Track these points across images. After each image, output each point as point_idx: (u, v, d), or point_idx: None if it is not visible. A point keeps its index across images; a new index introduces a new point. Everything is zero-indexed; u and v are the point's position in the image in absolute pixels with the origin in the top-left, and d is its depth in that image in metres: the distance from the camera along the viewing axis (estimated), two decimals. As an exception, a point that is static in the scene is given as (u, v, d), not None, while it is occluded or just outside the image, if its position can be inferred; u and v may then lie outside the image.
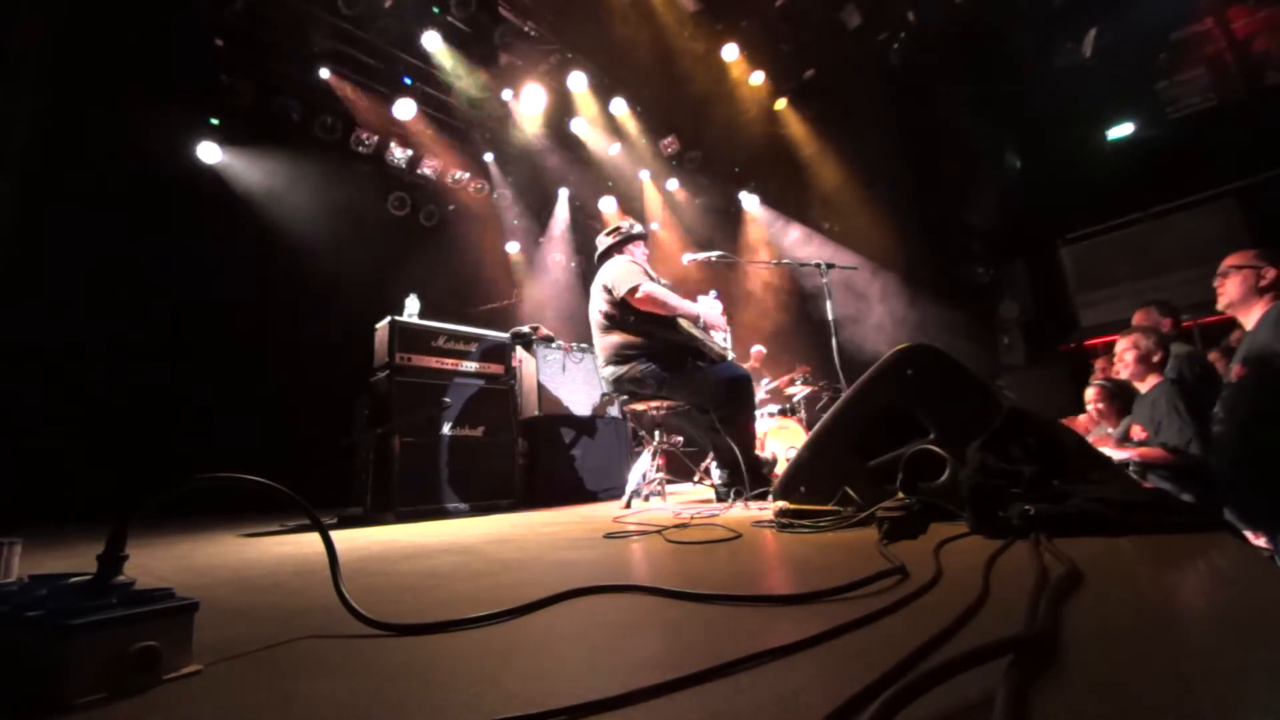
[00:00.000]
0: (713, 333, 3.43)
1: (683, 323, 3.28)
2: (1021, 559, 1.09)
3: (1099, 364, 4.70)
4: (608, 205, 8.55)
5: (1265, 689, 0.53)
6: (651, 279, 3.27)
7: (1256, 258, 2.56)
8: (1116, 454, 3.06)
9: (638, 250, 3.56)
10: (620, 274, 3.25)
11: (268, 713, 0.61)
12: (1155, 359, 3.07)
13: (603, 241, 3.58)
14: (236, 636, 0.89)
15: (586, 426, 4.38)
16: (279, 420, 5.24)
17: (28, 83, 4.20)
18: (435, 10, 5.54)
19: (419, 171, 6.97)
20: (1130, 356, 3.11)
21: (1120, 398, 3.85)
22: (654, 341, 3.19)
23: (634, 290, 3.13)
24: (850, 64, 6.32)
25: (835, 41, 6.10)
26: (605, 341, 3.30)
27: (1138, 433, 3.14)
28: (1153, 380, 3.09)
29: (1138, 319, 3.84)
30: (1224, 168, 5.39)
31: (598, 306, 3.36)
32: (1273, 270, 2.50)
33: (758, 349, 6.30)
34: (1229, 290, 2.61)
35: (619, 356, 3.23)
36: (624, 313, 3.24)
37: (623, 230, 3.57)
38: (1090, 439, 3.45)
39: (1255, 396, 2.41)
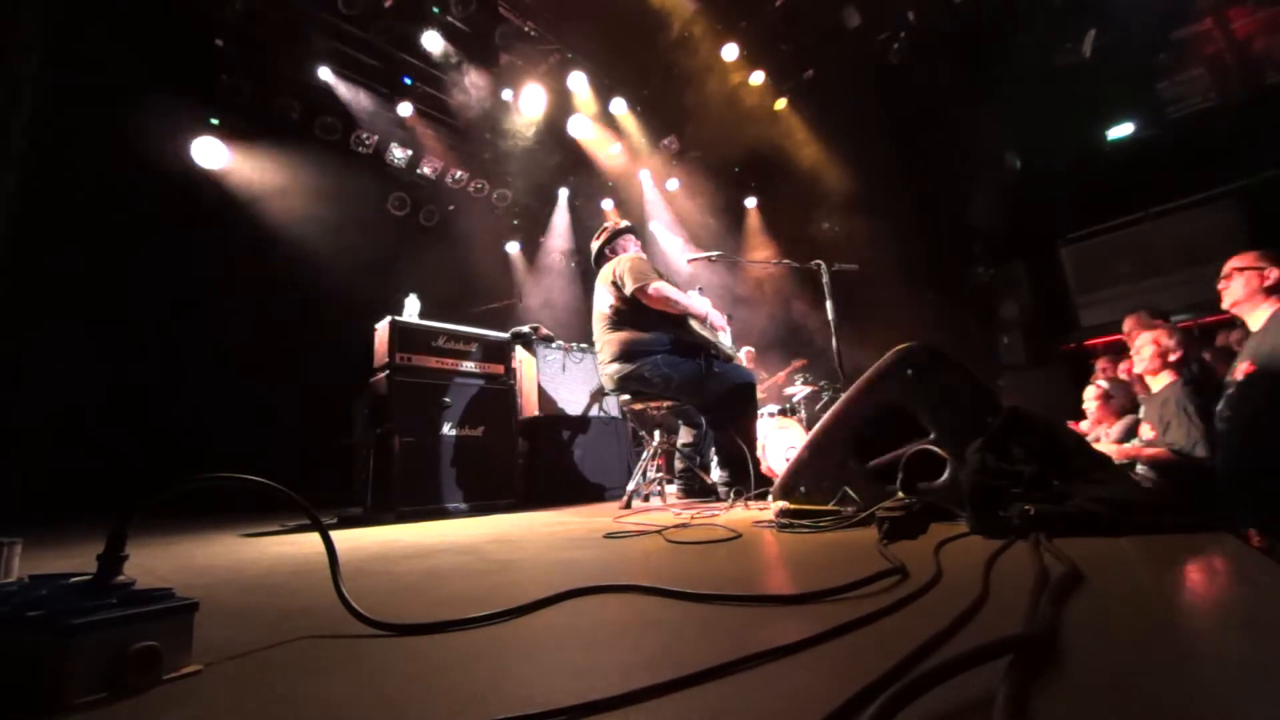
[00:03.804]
0: (718, 333, 3.44)
1: (693, 323, 3.28)
2: (1021, 559, 1.09)
3: (1100, 364, 4.70)
4: (608, 205, 8.55)
5: (1265, 689, 0.53)
6: (660, 276, 3.27)
7: (1259, 259, 2.58)
8: (1114, 450, 3.06)
9: (632, 243, 3.56)
10: (631, 269, 3.24)
11: (268, 713, 0.61)
12: (1173, 358, 3.06)
13: (595, 246, 3.61)
14: (236, 636, 0.89)
15: (586, 426, 4.38)
16: (279, 420, 5.23)
17: (27, 82, 4.20)
18: (435, 10, 5.54)
19: (419, 171, 6.96)
20: (1149, 352, 3.10)
21: (1116, 398, 3.86)
22: (665, 340, 3.19)
23: (645, 287, 3.13)
24: (850, 64, 6.31)
25: (835, 41, 6.10)
26: (612, 337, 3.28)
27: (1146, 431, 3.13)
28: (1167, 379, 3.08)
29: (1129, 325, 3.86)
30: (1224, 168, 5.38)
31: (606, 302, 3.35)
32: (1276, 270, 2.52)
33: (747, 349, 6.31)
34: (1233, 290, 2.62)
35: (627, 353, 3.21)
36: (634, 309, 3.23)
37: (613, 228, 3.59)
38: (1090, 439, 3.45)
39: (1262, 395, 2.41)
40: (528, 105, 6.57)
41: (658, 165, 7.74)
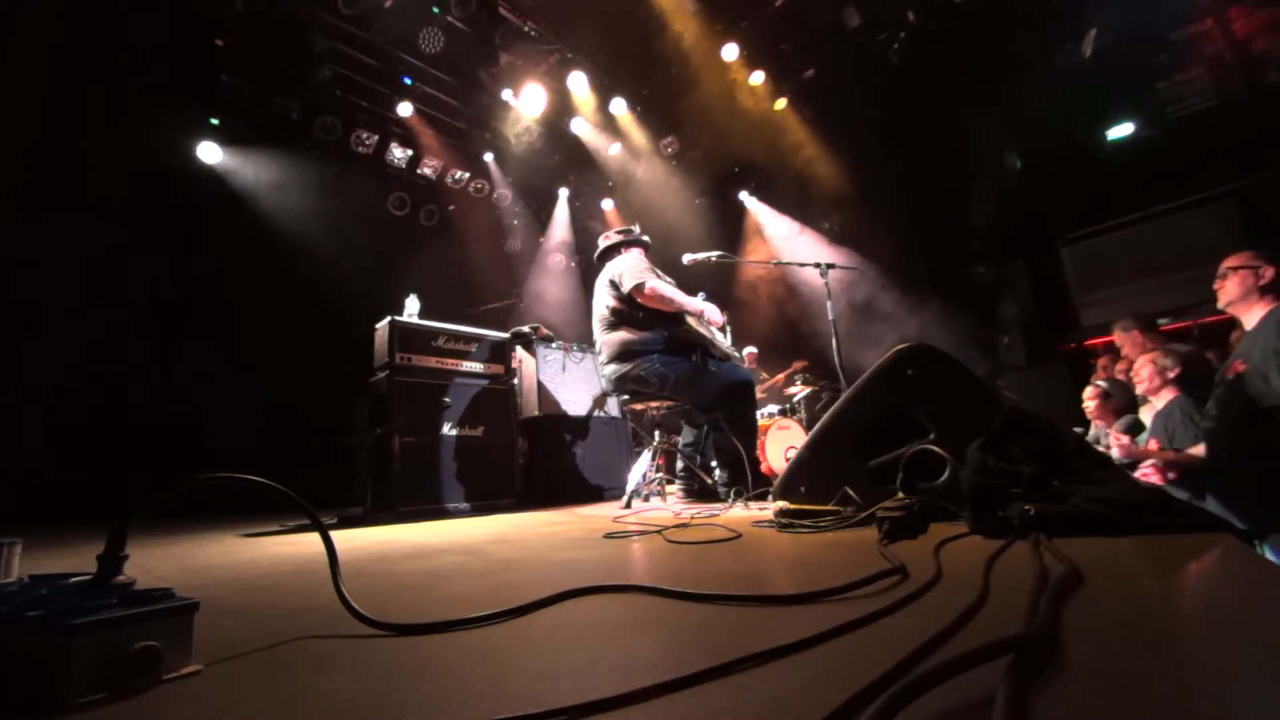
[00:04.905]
0: (715, 331, 3.44)
1: (689, 320, 3.29)
2: (1021, 559, 1.09)
3: (1100, 363, 4.71)
4: (608, 205, 8.55)
5: (1265, 689, 0.54)
6: (658, 276, 3.28)
7: (1254, 258, 2.60)
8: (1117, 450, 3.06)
9: (639, 253, 3.57)
10: (627, 269, 3.27)
11: (268, 713, 0.61)
12: (1172, 375, 3.08)
13: (610, 237, 3.59)
14: (236, 636, 0.89)
15: (586, 426, 4.38)
16: (279, 420, 5.23)
17: (28, 82, 4.20)
18: (435, 10, 5.54)
19: (419, 171, 6.97)
20: (1147, 372, 3.12)
21: (1115, 398, 3.87)
22: (661, 339, 3.20)
23: (640, 286, 3.15)
24: (850, 64, 6.31)
25: (835, 41, 6.10)
26: (610, 338, 3.29)
27: (1153, 447, 3.14)
28: (1168, 395, 3.10)
29: (1117, 335, 3.92)
30: (1224, 168, 5.38)
31: (604, 302, 3.36)
32: (1271, 269, 2.53)
33: (750, 350, 6.31)
34: (1229, 290, 2.64)
35: (623, 354, 3.22)
36: (632, 309, 3.25)
37: (633, 233, 3.60)
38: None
39: (1250, 395, 2.42)
40: (528, 105, 6.57)
41: (658, 165, 7.74)
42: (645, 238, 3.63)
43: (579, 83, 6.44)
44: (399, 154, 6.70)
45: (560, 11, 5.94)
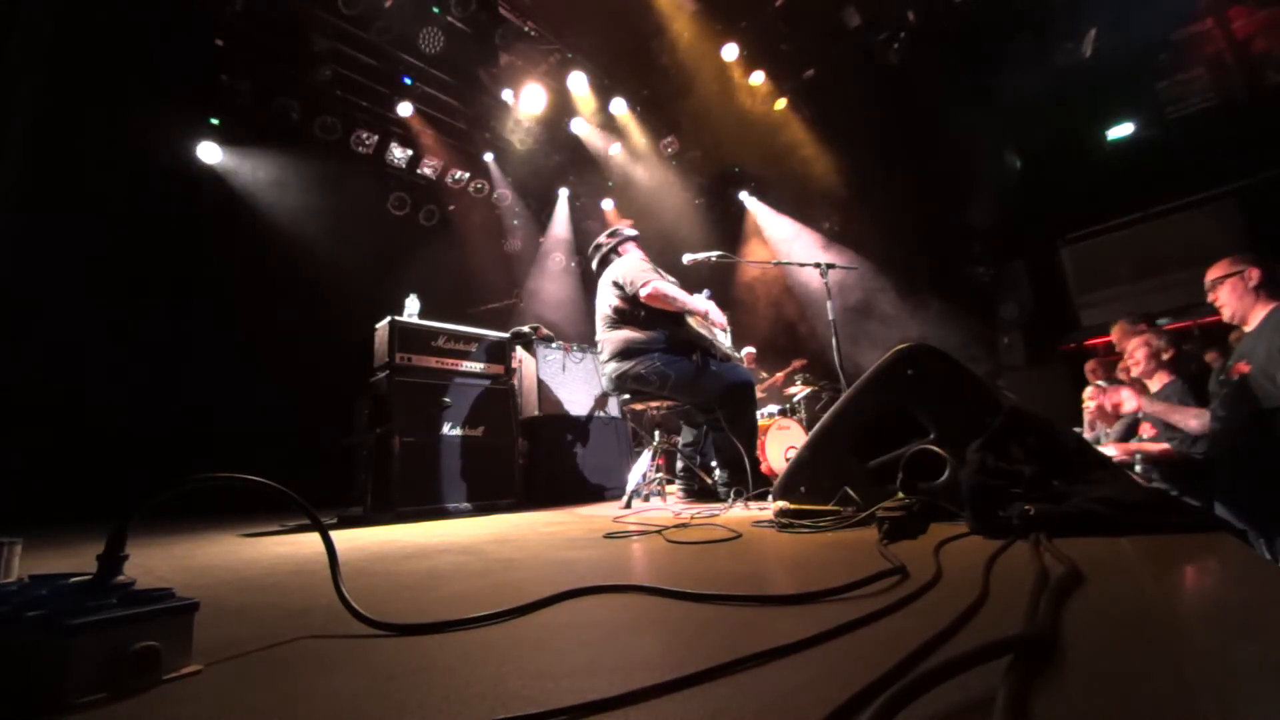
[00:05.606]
0: (716, 332, 3.45)
1: (691, 320, 3.31)
2: (1021, 559, 1.08)
3: (1089, 367, 4.73)
4: (608, 205, 8.55)
5: (1265, 689, 0.53)
6: (661, 276, 3.30)
7: (1234, 263, 2.61)
8: (1114, 450, 3.06)
9: (636, 248, 3.60)
10: (632, 270, 3.30)
11: (268, 713, 0.61)
12: (1166, 357, 3.08)
13: (604, 244, 3.62)
14: (236, 636, 0.89)
15: (586, 426, 4.38)
16: (279, 420, 5.23)
17: (27, 83, 4.20)
18: (435, 10, 5.54)
19: (419, 171, 6.97)
20: (1142, 354, 3.13)
21: None
22: (663, 338, 3.21)
23: (645, 286, 3.17)
24: (850, 64, 6.31)
25: (835, 41, 6.10)
26: (612, 336, 3.32)
27: (1147, 430, 3.14)
28: (1163, 379, 3.09)
29: (1116, 334, 3.93)
30: (1224, 168, 5.38)
31: (608, 302, 3.39)
32: (1255, 270, 2.54)
33: (748, 350, 6.32)
34: (1226, 301, 2.64)
35: (625, 352, 3.24)
36: (635, 308, 3.28)
37: (620, 232, 3.62)
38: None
39: (1256, 395, 2.42)
40: (528, 105, 6.57)
41: (658, 165, 7.74)
42: (631, 230, 3.66)
43: (579, 83, 6.44)
44: (399, 154, 6.70)
45: (560, 11, 5.94)
